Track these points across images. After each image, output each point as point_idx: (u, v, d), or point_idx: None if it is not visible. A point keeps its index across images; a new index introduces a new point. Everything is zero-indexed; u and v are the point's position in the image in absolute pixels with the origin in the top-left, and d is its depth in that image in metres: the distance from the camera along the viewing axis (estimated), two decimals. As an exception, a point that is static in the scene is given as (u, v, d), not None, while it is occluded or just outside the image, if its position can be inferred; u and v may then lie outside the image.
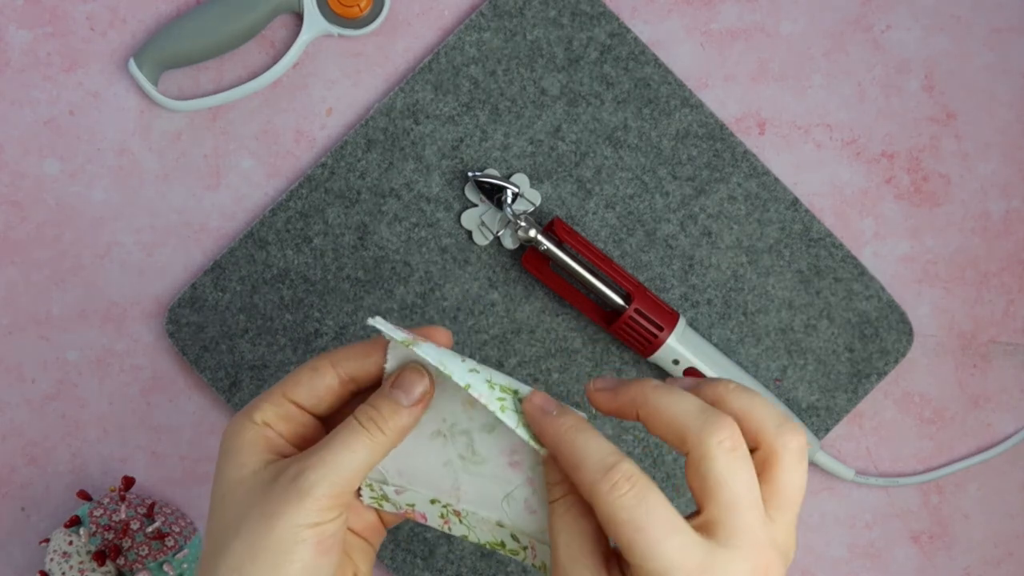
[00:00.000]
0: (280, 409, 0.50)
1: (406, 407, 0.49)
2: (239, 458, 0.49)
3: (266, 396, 0.50)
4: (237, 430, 0.49)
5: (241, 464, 0.49)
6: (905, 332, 0.77)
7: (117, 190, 0.77)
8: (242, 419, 0.50)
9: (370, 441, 0.48)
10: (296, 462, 0.47)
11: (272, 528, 0.46)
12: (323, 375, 0.50)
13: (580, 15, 0.77)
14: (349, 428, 0.48)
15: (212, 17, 0.75)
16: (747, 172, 0.77)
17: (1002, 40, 0.79)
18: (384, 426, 0.48)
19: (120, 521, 0.72)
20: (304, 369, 0.51)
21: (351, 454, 0.47)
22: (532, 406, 0.48)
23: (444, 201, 0.76)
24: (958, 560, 0.79)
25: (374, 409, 0.49)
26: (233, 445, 0.49)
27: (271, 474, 0.47)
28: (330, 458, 0.47)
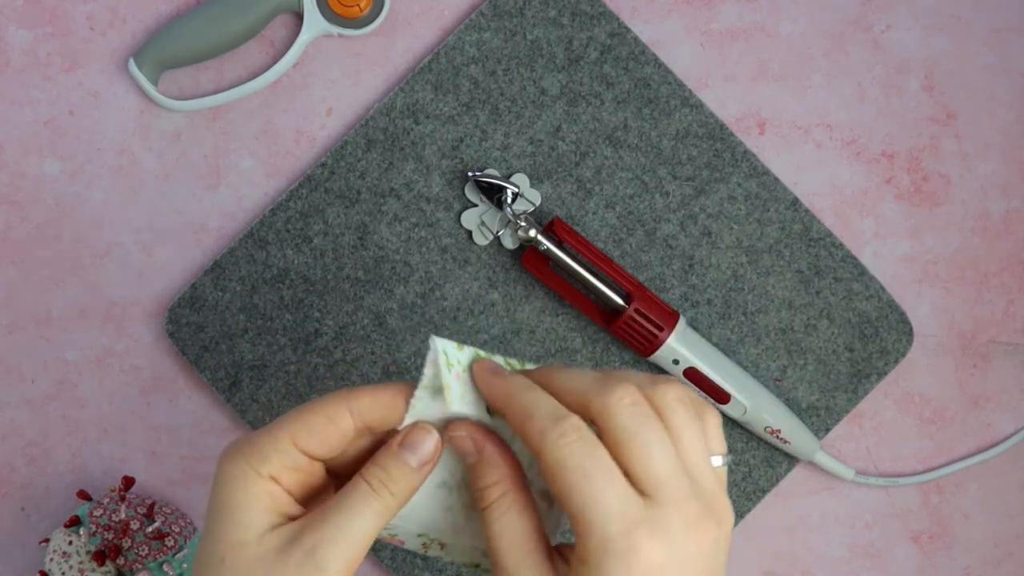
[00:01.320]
0: (287, 459, 0.46)
1: (415, 468, 0.47)
2: (242, 516, 0.45)
3: (271, 442, 0.46)
4: (238, 478, 0.46)
5: (245, 525, 0.45)
6: (905, 332, 0.77)
7: (117, 190, 0.77)
8: (244, 467, 0.46)
9: (381, 506, 0.46)
10: (308, 532, 0.44)
11: None
12: (339, 424, 0.47)
13: (580, 15, 0.77)
14: (360, 493, 0.45)
15: (212, 17, 0.75)
16: (747, 172, 0.77)
17: (1002, 40, 0.79)
18: (394, 488, 0.46)
19: (120, 521, 0.72)
20: (317, 416, 0.47)
21: (364, 522, 0.45)
22: (481, 367, 0.47)
23: (444, 201, 0.76)
24: (958, 560, 0.79)
25: (383, 472, 0.46)
26: (234, 499, 0.46)
27: (280, 542, 0.45)
28: (343, 530, 0.45)
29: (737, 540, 0.78)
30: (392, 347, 0.76)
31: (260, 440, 0.47)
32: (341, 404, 0.47)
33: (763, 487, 0.77)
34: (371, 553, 0.76)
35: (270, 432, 0.47)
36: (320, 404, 0.47)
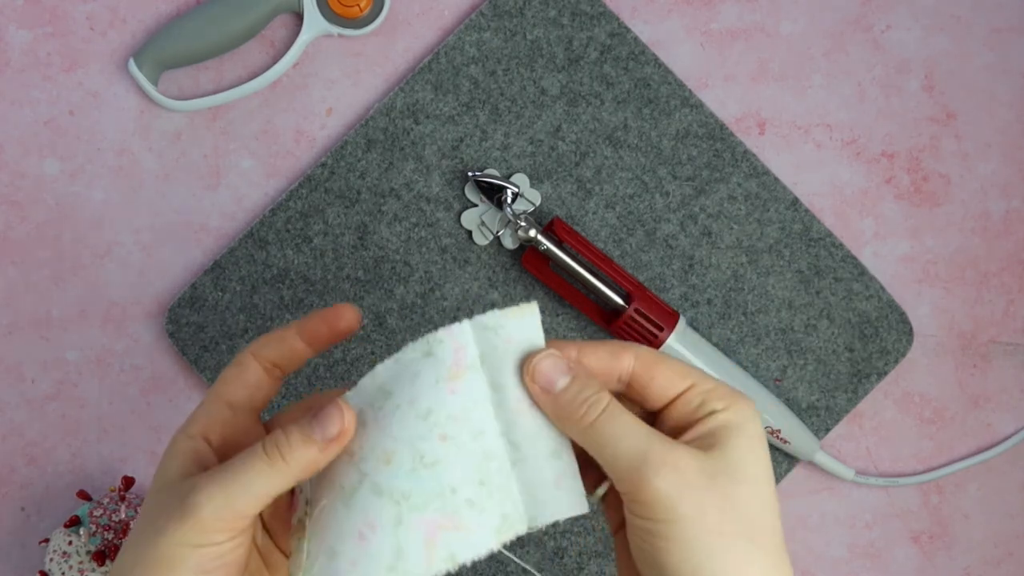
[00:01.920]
0: (217, 414, 0.49)
1: (318, 442, 0.46)
2: (163, 470, 0.47)
3: (202, 404, 0.49)
4: (171, 443, 0.48)
5: (162, 475, 0.47)
6: (905, 332, 0.77)
7: (117, 190, 0.77)
8: (178, 433, 0.48)
9: (269, 469, 0.45)
10: (196, 479, 0.45)
11: (156, 544, 0.44)
12: (247, 367, 0.50)
13: (580, 15, 0.77)
14: (250, 452, 0.45)
15: (212, 17, 0.75)
16: (747, 172, 0.77)
17: (1002, 40, 0.79)
18: (288, 456, 0.45)
19: (120, 521, 0.72)
20: (229, 367, 0.50)
21: (246, 479, 0.45)
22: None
23: (444, 201, 0.76)
24: (958, 560, 0.79)
25: (284, 436, 0.46)
26: (163, 458, 0.48)
27: (178, 488, 0.46)
28: (223, 480, 0.45)
29: (737, 540, 0.78)
30: (392, 347, 0.76)
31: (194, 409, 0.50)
32: (244, 351, 0.50)
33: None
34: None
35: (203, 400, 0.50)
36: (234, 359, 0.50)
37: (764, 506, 0.45)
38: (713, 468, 0.44)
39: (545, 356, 0.47)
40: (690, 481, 0.44)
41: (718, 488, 0.44)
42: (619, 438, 0.45)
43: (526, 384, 0.47)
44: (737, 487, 0.44)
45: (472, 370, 0.47)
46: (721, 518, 0.44)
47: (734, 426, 0.46)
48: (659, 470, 0.44)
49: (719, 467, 0.44)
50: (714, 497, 0.44)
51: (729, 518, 0.44)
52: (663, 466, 0.44)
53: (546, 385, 0.47)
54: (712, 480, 0.44)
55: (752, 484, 0.45)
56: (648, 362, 0.47)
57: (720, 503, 0.44)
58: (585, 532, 0.76)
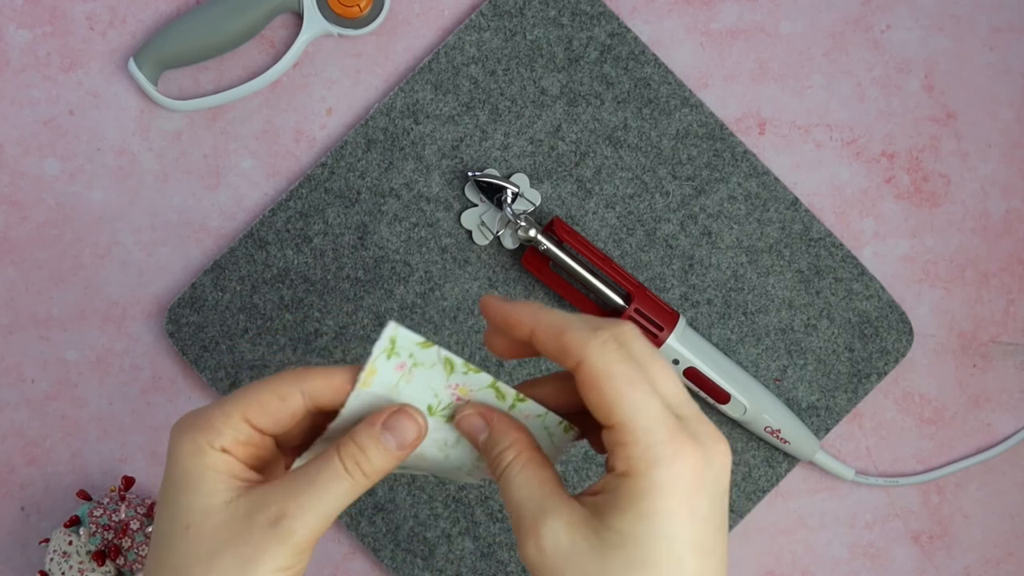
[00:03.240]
0: (240, 434, 0.47)
1: (394, 452, 0.46)
2: (203, 484, 0.46)
3: (223, 418, 0.46)
4: (194, 452, 0.46)
5: (207, 492, 0.45)
6: (905, 332, 0.77)
7: (117, 190, 0.77)
8: (199, 441, 0.46)
9: (352, 485, 0.46)
10: (275, 500, 0.45)
11: (250, 572, 0.44)
12: (289, 403, 0.47)
13: (580, 15, 0.77)
14: (332, 470, 0.45)
15: (212, 17, 0.75)
16: (747, 172, 0.77)
17: (1002, 40, 0.79)
18: (368, 469, 0.46)
19: (120, 521, 0.72)
20: (270, 395, 0.47)
21: (333, 500, 0.45)
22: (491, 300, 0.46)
23: (444, 201, 0.76)
24: (958, 560, 0.79)
25: (360, 452, 0.46)
26: (194, 469, 0.46)
27: (246, 508, 0.45)
28: (311, 504, 0.45)
29: (737, 540, 0.78)
30: (392, 347, 0.76)
31: (212, 415, 0.47)
32: (293, 384, 0.47)
33: (763, 487, 0.77)
34: (371, 553, 0.76)
35: (222, 407, 0.47)
36: (272, 382, 0.47)
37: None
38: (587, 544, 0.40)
39: (466, 416, 0.47)
40: (548, 560, 0.41)
41: (585, 570, 0.40)
42: (507, 503, 0.45)
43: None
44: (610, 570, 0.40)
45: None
46: None
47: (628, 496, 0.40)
48: (524, 545, 0.43)
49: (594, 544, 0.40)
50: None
51: None
52: (527, 541, 0.43)
53: (471, 437, 0.48)
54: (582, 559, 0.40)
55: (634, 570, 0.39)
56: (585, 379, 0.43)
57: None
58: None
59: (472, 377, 0.49)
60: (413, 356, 0.49)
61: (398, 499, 0.76)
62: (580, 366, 0.43)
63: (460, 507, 0.76)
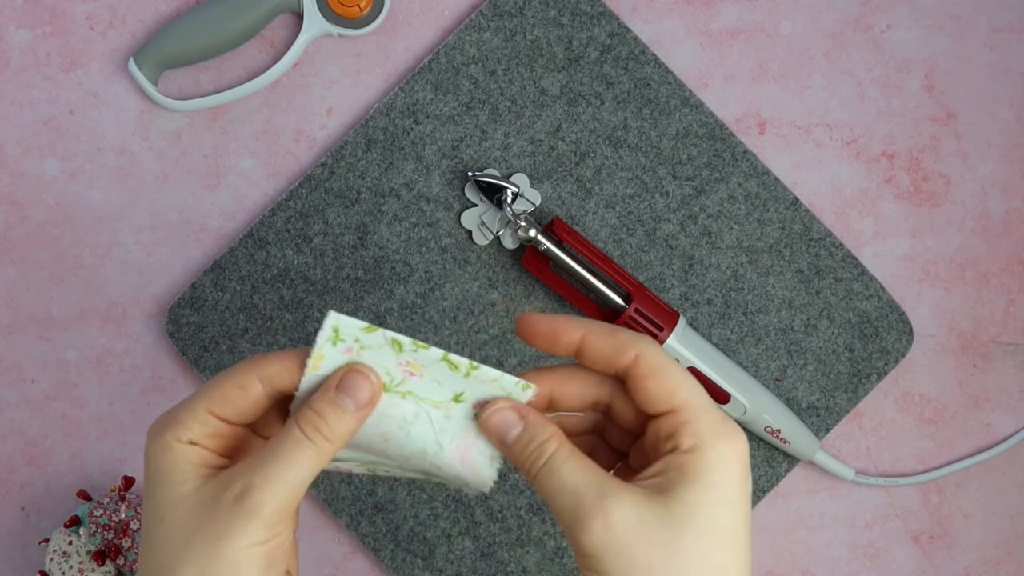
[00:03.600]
0: (206, 427, 0.47)
1: (353, 412, 0.47)
2: (173, 476, 0.46)
3: (189, 413, 0.47)
4: (163, 448, 0.47)
5: (177, 482, 0.46)
6: (905, 332, 0.77)
7: (117, 190, 0.77)
8: (166, 437, 0.47)
9: (315, 452, 0.46)
10: (239, 477, 0.45)
11: (221, 551, 0.44)
12: (250, 391, 0.47)
13: (580, 15, 0.77)
14: (293, 439, 0.46)
15: (212, 17, 0.75)
16: (747, 172, 0.77)
17: (1002, 40, 0.79)
18: (330, 434, 0.46)
19: (120, 521, 0.72)
20: (230, 386, 0.47)
21: (297, 468, 0.45)
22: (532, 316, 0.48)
23: (444, 201, 0.76)
24: (958, 560, 0.79)
25: (319, 417, 0.46)
26: (163, 463, 0.46)
27: (213, 490, 0.45)
28: (276, 474, 0.45)
29: (737, 540, 0.78)
30: (392, 347, 0.76)
31: (178, 411, 0.48)
32: (251, 372, 0.48)
33: (763, 487, 0.77)
34: (371, 553, 0.76)
35: (187, 404, 0.48)
36: (232, 373, 0.48)
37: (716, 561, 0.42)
38: (655, 518, 0.42)
39: (498, 409, 0.48)
40: (619, 537, 0.42)
41: (654, 542, 0.42)
42: (556, 492, 0.45)
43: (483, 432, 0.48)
44: (680, 540, 0.42)
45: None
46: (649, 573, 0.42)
47: (695, 470, 0.43)
48: (587, 525, 0.43)
49: (662, 516, 0.42)
50: (647, 552, 0.42)
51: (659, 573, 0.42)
52: (591, 521, 0.43)
53: (500, 438, 0.48)
54: (650, 533, 0.42)
55: (701, 536, 0.42)
56: (643, 370, 0.46)
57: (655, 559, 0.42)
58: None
59: (423, 353, 0.48)
60: (359, 340, 0.48)
61: (398, 499, 0.76)
62: (638, 359, 0.46)
63: (460, 507, 0.76)
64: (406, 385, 0.49)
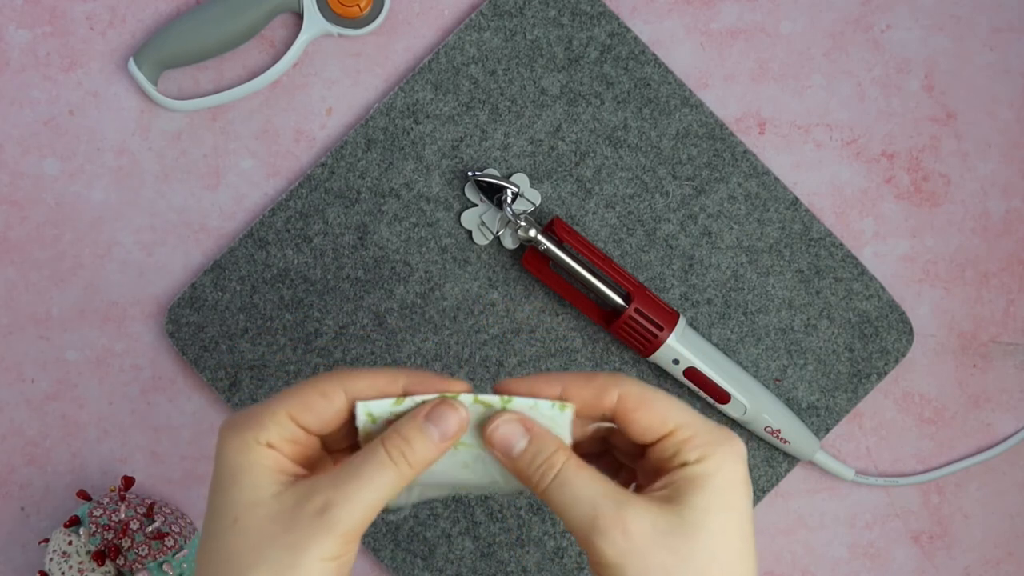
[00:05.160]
0: (285, 431, 0.48)
1: (437, 442, 0.48)
2: (251, 479, 0.46)
3: (269, 415, 0.48)
4: (241, 448, 0.47)
5: (255, 486, 0.46)
6: (905, 332, 0.77)
7: (117, 190, 0.77)
8: (245, 437, 0.47)
9: (396, 475, 0.47)
10: (321, 491, 0.46)
11: (297, 560, 0.45)
12: (333, 401, 0.48)
13: (580, 15, 0.77)
14: (377, 460, 0.47)
15: (212, 17, 0.75)
16: (747, 172, 0.77)
17: (1002, 40, 0.79)
18: (413, 459, 0.47)
19: (120, 521, 0.72)
20: (313, 393, 0.48)
21: (378, 490, 0.46)
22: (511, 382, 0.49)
23: (444, 201, 0.76)
24: (958, 560, 0.79)
25: (405, 442, 0.47)
26: (240, 464, 0.47)
27: (293, 499, 0.46)
28: (357, 493, 0.46)
29: (737, 540, 0.78)
30: (392, 347, 0.76)
31: (258, 412, 0.48)
32: (336, 383, 0.48)
33: (763, 487, 0.77)
34: (371, 553, 0.76)
35: (268, 406, 0.48)
36: (316, 381, 0.48)
37: (727, 563, 0.45)
38: (666, 525, 0.45)
39: (502, 422, 0.48)
40: (637, 544, 0.44)
41: (667, 547, 0.44)
42: (570, 504, 0.46)
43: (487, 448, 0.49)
44: (691, 545, 0.44)
45: None
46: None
47: (702, 479, 0.45)
48: (606, 535, 0.45)
49: (673, 525, 0.45)
50: (660, 556, 0.44)
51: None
52: (611, 531, 0.45)
53: (504, 451, 0.48)
54: (662, 539, 0.44)
55: (712, 538, 0.45)
56: (630, 405, 0.47)
57: (665, 562, 0.44)
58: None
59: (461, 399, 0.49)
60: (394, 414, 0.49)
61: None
62: (622, 397, 0.47)
63: (460, 507, 0.76)
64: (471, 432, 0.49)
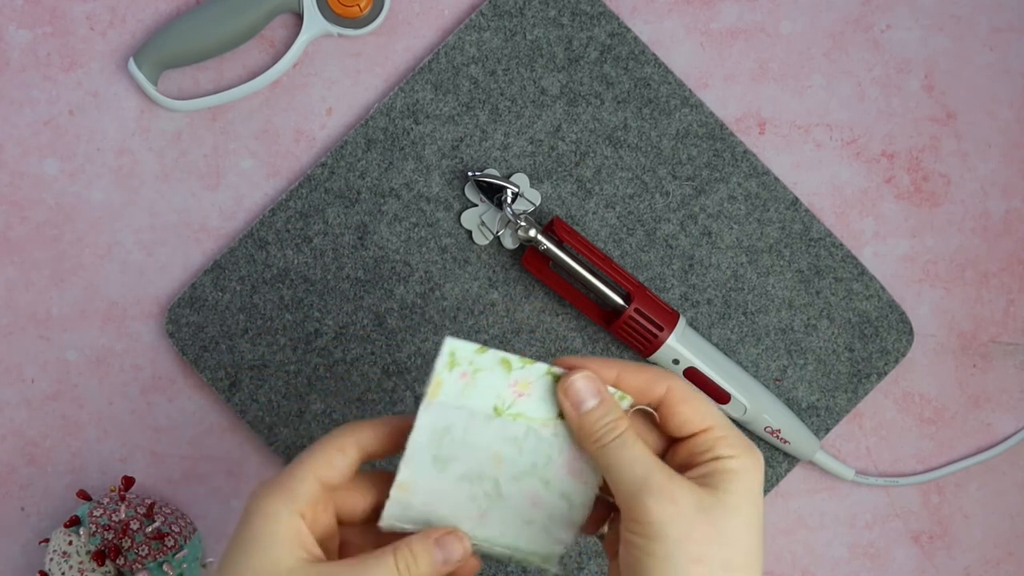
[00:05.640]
0: (312, 493, 0.52)
1: (440, 564, 0.53)
2: (275, 551, 0.50)
3: (298, 479, 0.52)
4: (271, 516, 0.51)
5: (277, 559, 0.50)
6: (905, 332, 0.77)
7: (117, 190, 0.77)
8: (277, 505, 0.51)
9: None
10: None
11: None
12: (348, 456, 0.53)
13: (580, 15, 0.77)
14: (386, 568, 0.51)
15: (212, 17, 0.75)
16: (747, 172, 0.77)
17: (1002, 40, 0.79)
18: (416, 573, 0.52)
19: (120, 521, 0.72)
20: (332, 450, 0.53)
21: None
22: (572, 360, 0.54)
23: (444, 201, 0.76)
24: (958, 560, 0.79)
25: (412, 558, 0.52)
26: (265, 533, 0.50)
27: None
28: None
29: (737, 540, 0.78)
30: (392, 347, 0.76)
31: (288, 480, 0.52)
32: (348, 436, 0.53)
33: (763, 487, 0.77)
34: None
35: (294, 471, 0.52)
36: (331, 439, 0.53)
37: (748, 545, 0.51)
38: (707, 503, 0.50)
39: (581, 376, 0.53)
40: (682, 510, 0.50)
41: (707, 520, 0.50)
42: (627, 463, 0.51)
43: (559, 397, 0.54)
44: (726, 523, 0.50)
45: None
46: (703, 546, 0.49)
47: (736, 472, 0.51)
48: (658, 497, 0.50)
49: (713, 503, 0.50)
50: (701, 527, 0.50)
51: (710, 547, 0.49)
52: (661, 493, 0.50)
53: (575, 403, 0.53)
54: (703, 513, 0.50)
55: (741, 523, 0.50)
56: (677, 398, 0.53)
57: (706, 533, 0.50)
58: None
59: (528, 370, 0.54)
60: (473, 363, 0.53)
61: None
62: (671, 390, 0.53)
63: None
64: (516, 407, 0.54)
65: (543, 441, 0.55)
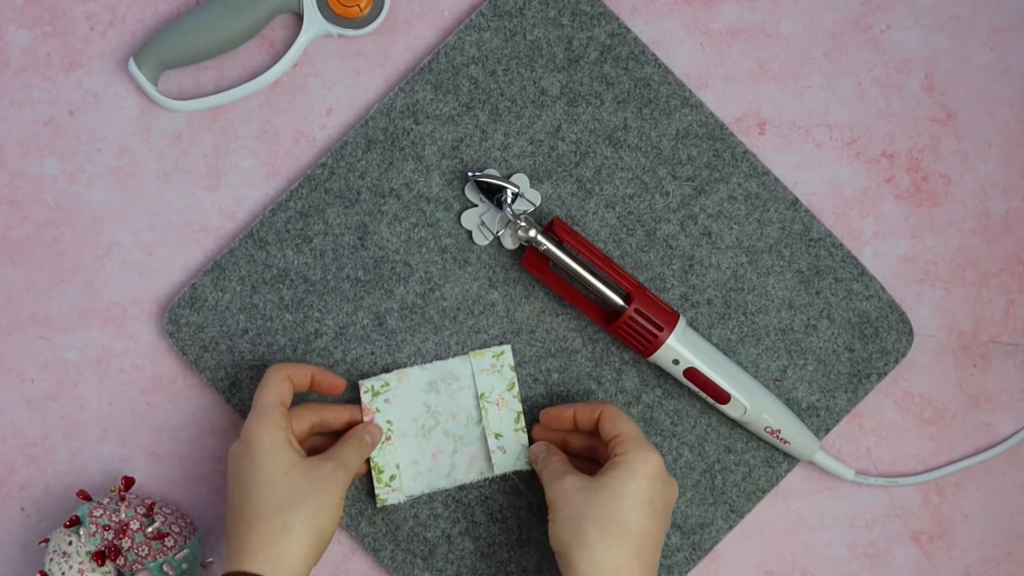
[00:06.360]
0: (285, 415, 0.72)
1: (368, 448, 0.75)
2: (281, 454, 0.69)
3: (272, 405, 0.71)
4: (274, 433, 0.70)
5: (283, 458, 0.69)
6: (905, 332, 0.77)
7: (117, 190, 0.77)
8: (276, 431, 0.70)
9: (366, 445, 0.75)
10: (332, 458, 0.71)
11: (332, 495, 0.69)
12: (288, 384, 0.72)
13: (580, 15, 0.77)
14: (357, 438, 0.74)
15: (212, 17, 0.75)
16: (747, 172, 0.77)
17: (1002, 40, 0.79)
18: (369, 440, 0.75)
19: (120, 521, 0.72)
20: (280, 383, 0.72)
21: (361, 452, 0.74)
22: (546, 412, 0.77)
23: (444, 201, 0.76)
24: (958, 560, 0.79)
25: (369, 434, 0.75)
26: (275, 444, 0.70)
27: (316, 463, 0.70)
28: (352, 453, 0.73)
29: (737, 540, 0.78)
30: (392, 347, 0.76)
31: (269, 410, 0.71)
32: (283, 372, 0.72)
33: (763, 487, 0.77)
34: (371, 553, 0.76)
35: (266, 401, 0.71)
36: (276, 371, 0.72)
37: (622, 514, 0.68)
38: (587, 484, 0.70)
39: (535, 447, 0.76)
40: (566, 489, 0.70)
41: (582, 495, 0.69)
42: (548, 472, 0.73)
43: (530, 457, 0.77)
44: (600, 497, 0.69)
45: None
46: (577, 509, 0.69)
47: (624, 464, 0.70)
48: (554, 484, 0.71)
49: (592, 484, 0.70)
50: (577, 498, 0.69)
51: (583, 510, 0.69)
52: (556, 483, 0.71)
53: (533, 459, 0.76)
54: (581, 492, 0.69)
55: (615, 497, 0.69)
56: (604, 416, 0.73)
57: (579, 502, 0.69)
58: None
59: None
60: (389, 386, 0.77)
61: (398, 499, 0.76)
62: (602, 412, 0.73)
63: (460, 507, 0.76)
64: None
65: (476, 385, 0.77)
